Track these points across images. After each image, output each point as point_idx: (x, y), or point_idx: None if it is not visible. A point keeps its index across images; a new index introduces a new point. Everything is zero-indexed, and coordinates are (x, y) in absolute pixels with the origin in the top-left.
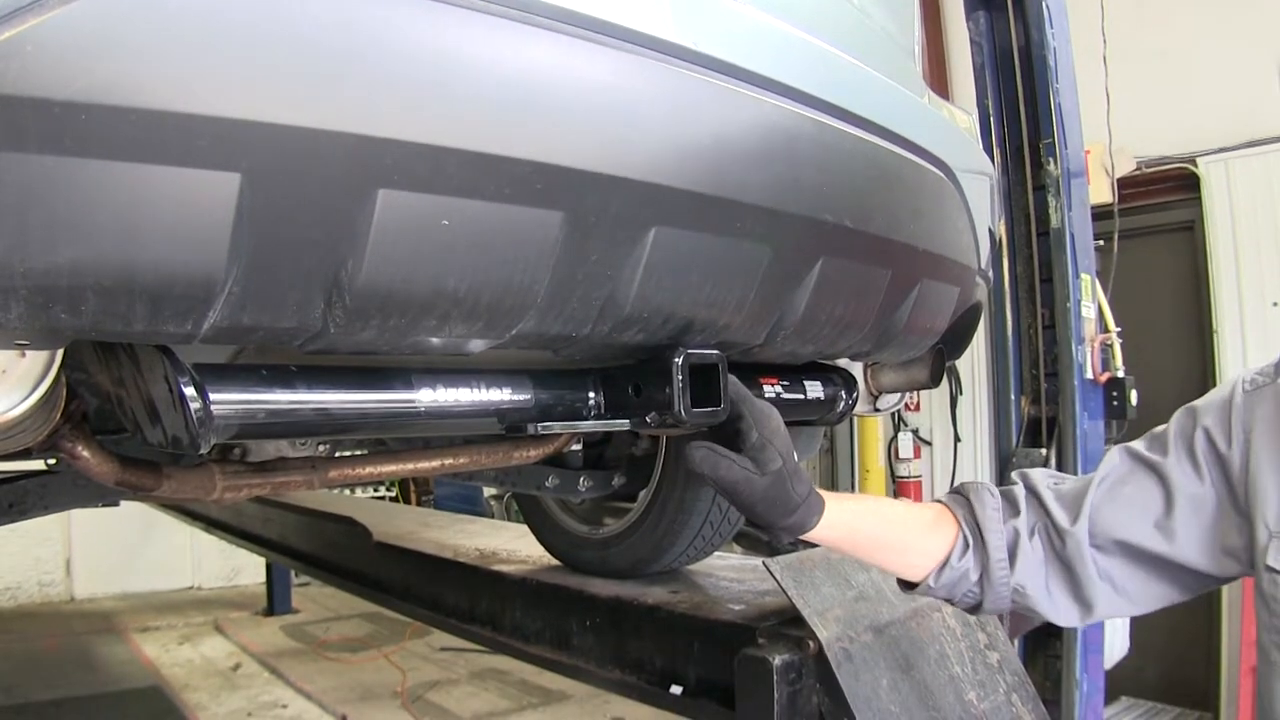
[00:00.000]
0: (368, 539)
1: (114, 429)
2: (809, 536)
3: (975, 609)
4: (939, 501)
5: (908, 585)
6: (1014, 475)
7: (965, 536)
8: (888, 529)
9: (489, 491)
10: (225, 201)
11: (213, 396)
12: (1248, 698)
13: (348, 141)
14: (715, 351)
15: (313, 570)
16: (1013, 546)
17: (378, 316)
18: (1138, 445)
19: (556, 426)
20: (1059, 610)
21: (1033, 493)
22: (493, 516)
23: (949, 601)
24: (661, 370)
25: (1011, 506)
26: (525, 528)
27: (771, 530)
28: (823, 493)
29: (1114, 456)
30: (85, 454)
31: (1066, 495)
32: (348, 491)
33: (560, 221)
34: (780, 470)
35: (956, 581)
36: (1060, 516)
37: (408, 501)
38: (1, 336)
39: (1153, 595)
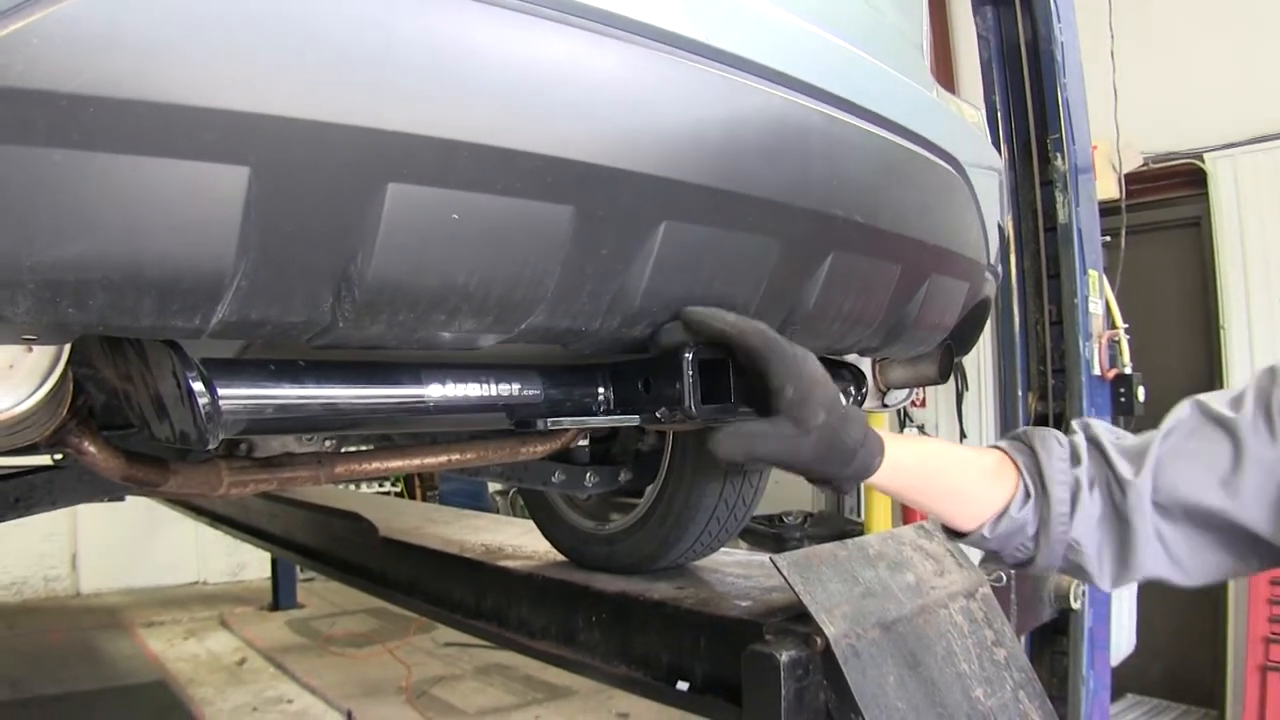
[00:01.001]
0: (373, 534)
1: (120, 424)
2: (871, 483)
3: (1023, 565)
4: (997, 447)
5: (956, 534)
6: (1074, 424)
7: (1026, 485)
8: (950, 473)
9: (494, 487)
10: (234, 195)
11: (221, 392)
12: (1253, 695)
13: (357, 135)
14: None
15: (318, 565)
16: (1074, 498)
17: (387, 311)
18: (1209, 399)
19: (566, 422)
20: (1103, 571)
21: (1094, 443)
22: (497, 512)
23: (996, 555)
24: (672, 365)
25: (1074, 455)
26: (531, 523)
27: (831, 484)
28: (882, 433)
29: (1182, 409)
30: (92, 449)
31: (1130, 448)
32: (352, 486)
33: (570, 216)
34: (826, 423)
35: (1012, 533)
36: (1123, 467)
37: (412, 496)
38: (8, 331)
39: (1205, 564)
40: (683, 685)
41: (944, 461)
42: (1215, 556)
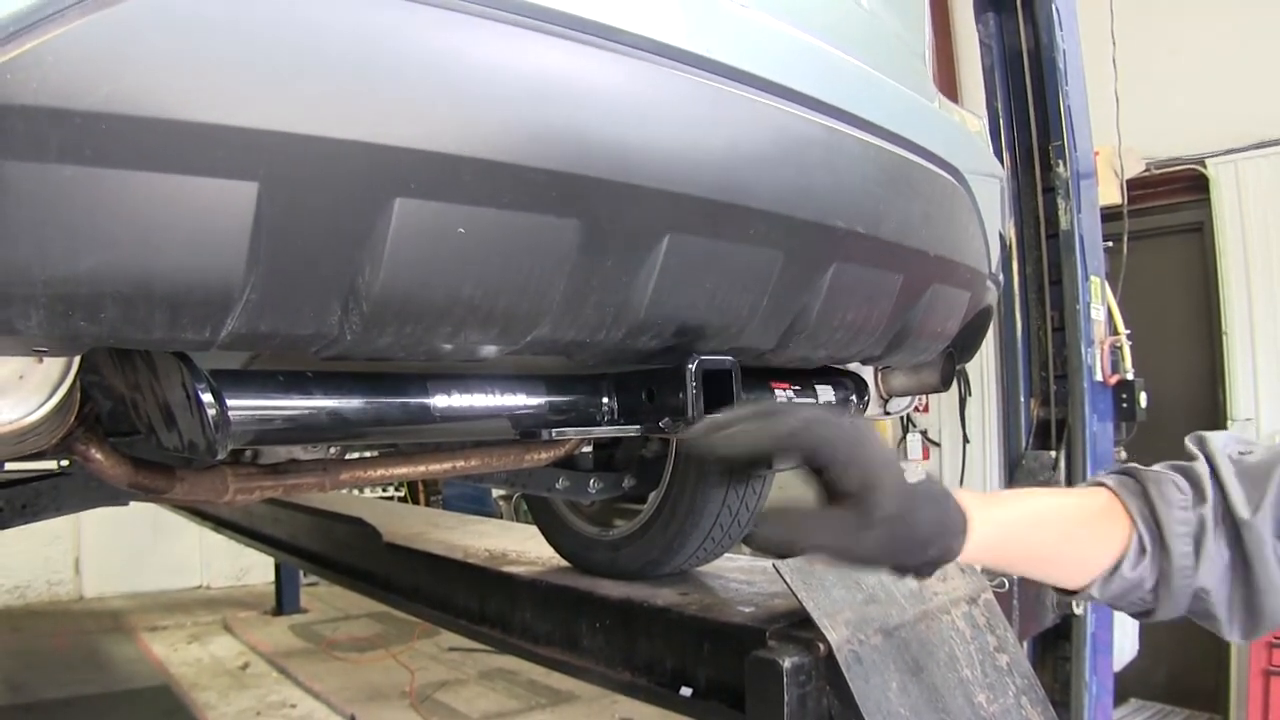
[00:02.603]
0: (377, 540)
1: (126, 431)
2: (968, 560)
3: (1145, 615)
4: (1103, 485)
5: (1066, 592)
6: (1191, 442)
7: (1141, 538)
8: (1047, 541)
9: (497, 492)
10: (243, 210)
11: (230, 402)
12: (1257, 700)
13: (364, 151)
14: (728, 357)
15: (322, 570)
16: (1198, 542)
17: (394, 323)
18: None
19: (570, 431)
20: (1233, 620)
21: (1213, 467)
22: (500, 517)
23: (1113, 607)
24: (675, 375)
25: (1197, 491)
26: (534, 528)
27: (905, 574)
28: (969, 500)
29: None
30: (99, 457)
31: (1251, 472)
32: (356, 491)
33: (575, 229)
34: (894, 514)
35: (1127, 591)
36: (1239, 501)
37: (416, 502)
38: (20, 343)
39: None
40: (686, 691)
41: (1042, 523)
42: None
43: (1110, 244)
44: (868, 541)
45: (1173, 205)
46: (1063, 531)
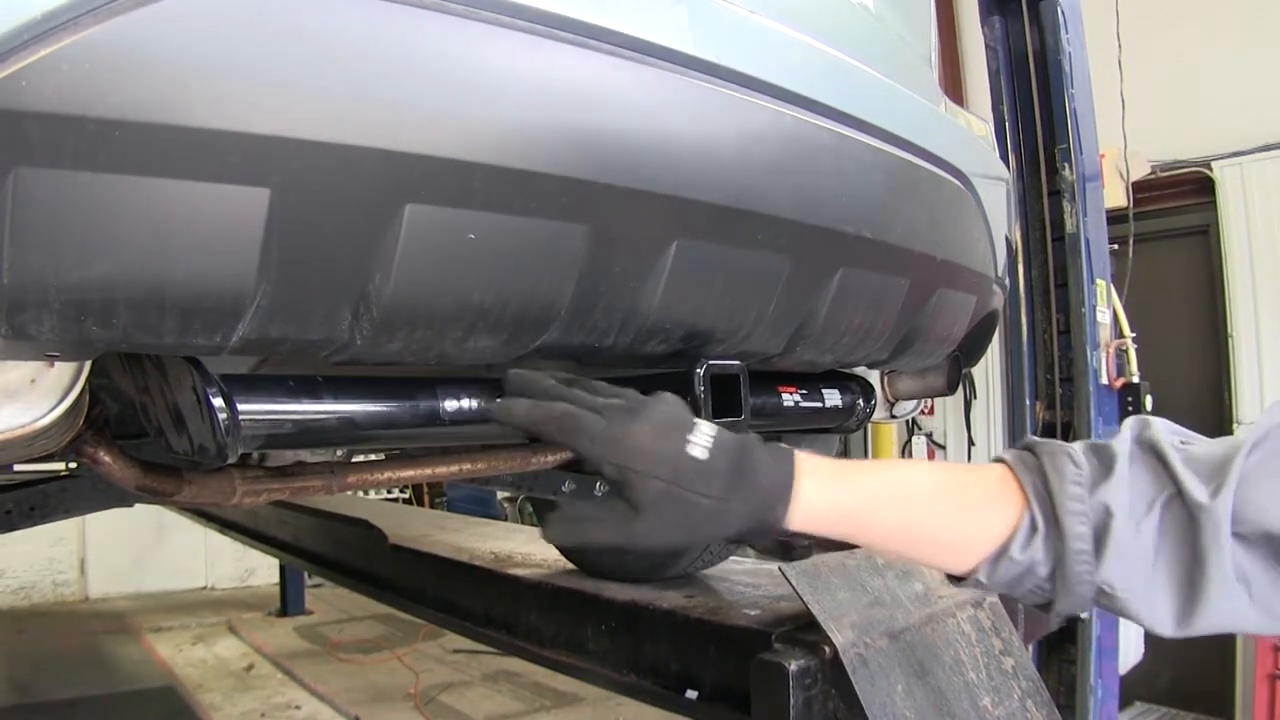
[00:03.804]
0: (383, 542)
1: (135, 434)
2: (803, 530)
3: (1044, 607)
4: (1002, 460)
5: (955, 577)
6: (1127, 424)
7: (1033, 518)
8: (915, 516)
9: (502, 494)
10: (255, 216)
11: (240, 407)
12: (1263, 703)
13: (376, 157)
14: (736, 362)
15: (327, 572)
16: (1100, 530)
17: (404, 329)
18: None
19: None
20: (1160, 616)
21: (1152, 450)
22: (505, 519)
23: (1011, 596)
24: (683, 380)
25: (1103, 468)
26: (539, 531)
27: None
28: (810, 465)
29: (1274, 414)
30: (107, 459)
31: (1203, 459)
32: (361, 493)
33: (584, 235)
34: (666, 492)
35: (1019, 577)
36: (1193, 485)
37: (420, 504)
38: (33, 348)
39: None
40: (691, 694)
41: (911, 495)
42: None
43: (1116, 247)
44: (641, 528)
45: (1178, 208)
46: (939, 506)
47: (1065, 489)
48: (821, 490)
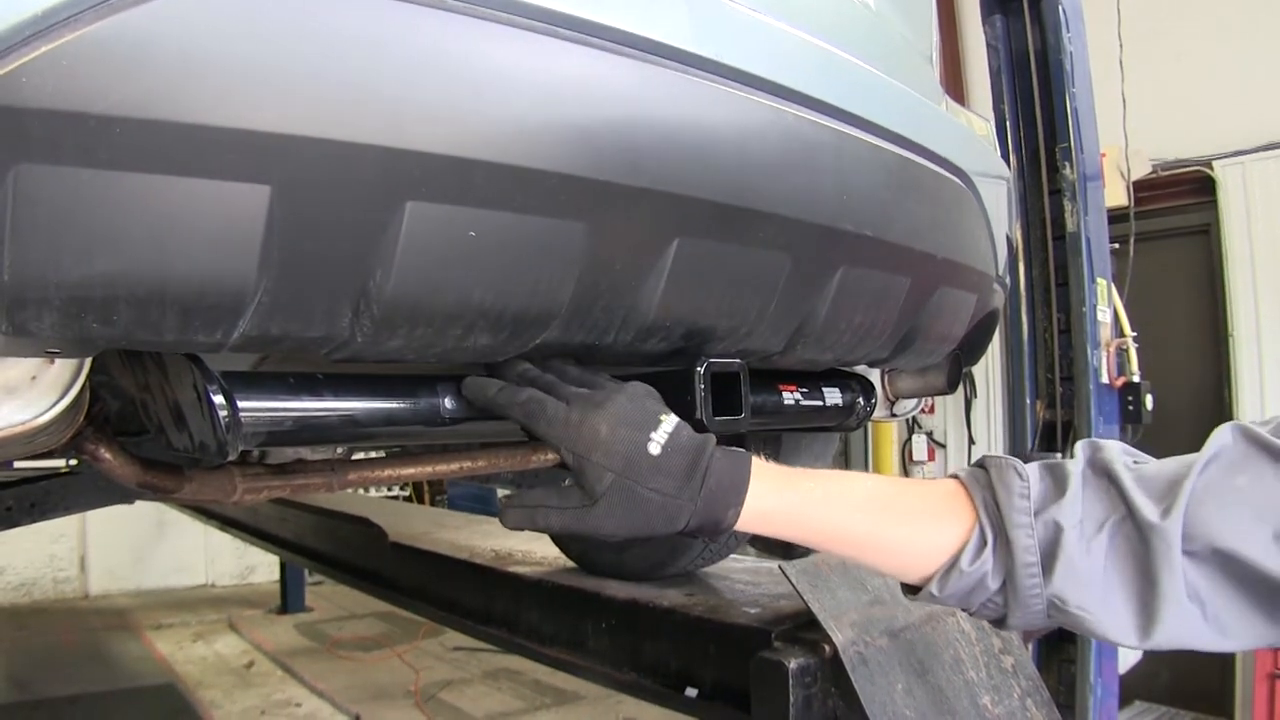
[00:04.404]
0: (383, 539)
1: (135, 430)
2: (751, 530)
3: (999, 623)
4: (954, 477)
5: (909, 589)
6: (1078, 447)
7: (983, 530)
8: (863, 524)
9: (502, 491)
10: (256, 213)
11: (241, 404)
12: (1262, 703)
13: (377, 154)
14: (737, 360)
15: (327, 570)
16: (1050, 545)
17: (405, 326)
18: (1258, 427)
19: None
20: (1115, 630)
21: (1104, 472)
22: None
23: (965, 610)
24: (684, 378)
25: (1056, 487)
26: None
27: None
28: (765, 471)
29: (1224, 435)
30: (108, 456)
31: (1153, 479)
32: (361, 491)
33: (585, 232)
34: (617, 484)
35: (970, 590)
36: (1145, 506)
37: (421, 501)
38: (33, 345)
39: (1253, 633)
40: (691, 692)
41: (865, 504)
42: (1267, 628)
43: (1116, 246)
44: (593, 518)
45: (1179, 207)
46: (885, 514)
47: (1012, 502)
48: (770, 494)
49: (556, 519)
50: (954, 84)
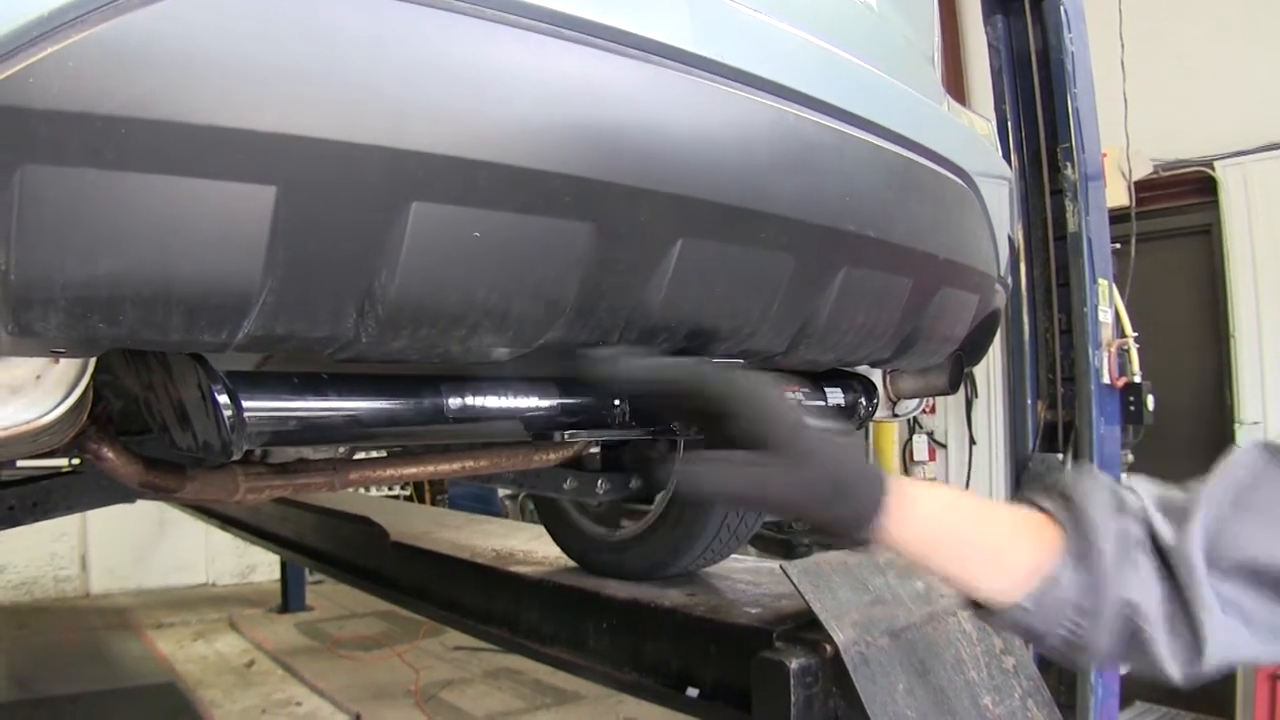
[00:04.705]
0: (384, 539)
1: (138, 430)
2: (890, 536)
3: (1077, 649)
4: (1027, 499)
5: (986, 612)
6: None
7: (1072, 545)
8: (981, 524)
9: (503, 491)
10: (261, 214)
11: (245, 404)
12: (1263, 704)
13: (382, 155)
14: (740, 360)
15: (328, 569)
16: (1123, 549)
17: (409, 326)
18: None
19: (583, 434)
20: (1173, 652)
21: (1136, 499)
22: (507, 516)
23: (1036, 639)
24: None
25: (1119, 502)
26: (541, 528)
27: (837, 531)
28: (897, 479)
29: (1248, 454)
30: (111, 455)
31: (1175, 504)
32: (362, 490)
33: (589, 233)
34: (823, 452)
35: (1058, 604)
36: (1164, 530)
37: (421, 500)
38: (38, 345)
39: None
40: (692, 691)
41: (973, 509)
42: None
43: (1118, 246)
44: (801, 482)
45: (1181, 207)
46: (995, 524)
47: (1094, 501)
48: (910, 504)
49: (762, 484)
50: (955, 84)
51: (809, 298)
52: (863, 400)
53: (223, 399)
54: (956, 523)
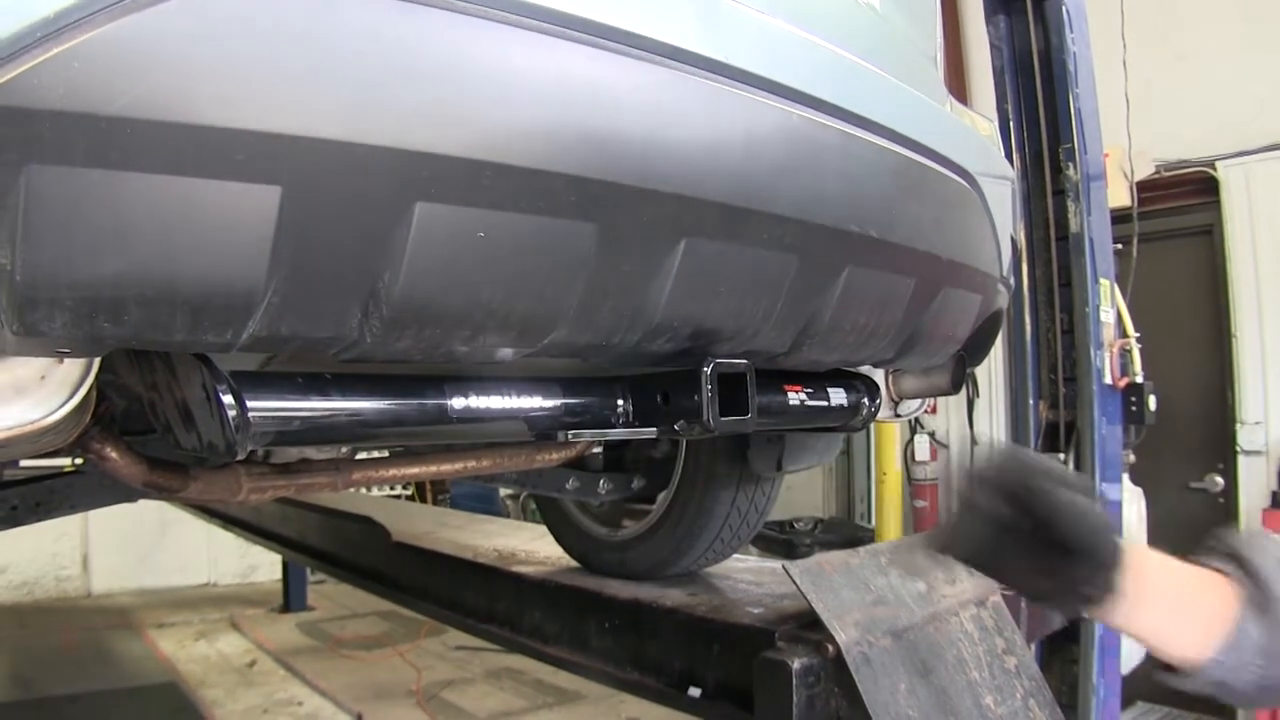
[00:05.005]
0: (386, 538)
1: (141, 430)
2: (1116, 615)
3: (1267, 694)
4: (1198, 562)
5: (1179, 676)
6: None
7: (1251, 596)
8: (1185, 591)
9: (505, 491)
10: (266, 214)
11: (250, 404)
12: None
13: (386, 155)
14: (743, 360)
15: (330, 569)
16: None
17: (414, 327)
18: None
19: (586, 434)
20: None
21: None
22: (508, 516)
23: (1228, 690)
24: (690, 378)
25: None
26: (543, 528)
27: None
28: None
29: None
30: (114, 455)
31: None
32: (364, 489)
33: (593, 233)
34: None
35: (1248, 659)
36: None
37: (423, 500)
38: (43, 345)
39: None
40: (694, 691)
41: (1177, 571)
42: None
43: (1120, 246)
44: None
45: (1182, 208)
46: (1188, 588)
47: (1269, 555)
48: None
49: (1018, 575)
50: (957, 84)
51: (812, 298)
52: (865, 400)
53: (227, 399)
54: (1166, 585)
